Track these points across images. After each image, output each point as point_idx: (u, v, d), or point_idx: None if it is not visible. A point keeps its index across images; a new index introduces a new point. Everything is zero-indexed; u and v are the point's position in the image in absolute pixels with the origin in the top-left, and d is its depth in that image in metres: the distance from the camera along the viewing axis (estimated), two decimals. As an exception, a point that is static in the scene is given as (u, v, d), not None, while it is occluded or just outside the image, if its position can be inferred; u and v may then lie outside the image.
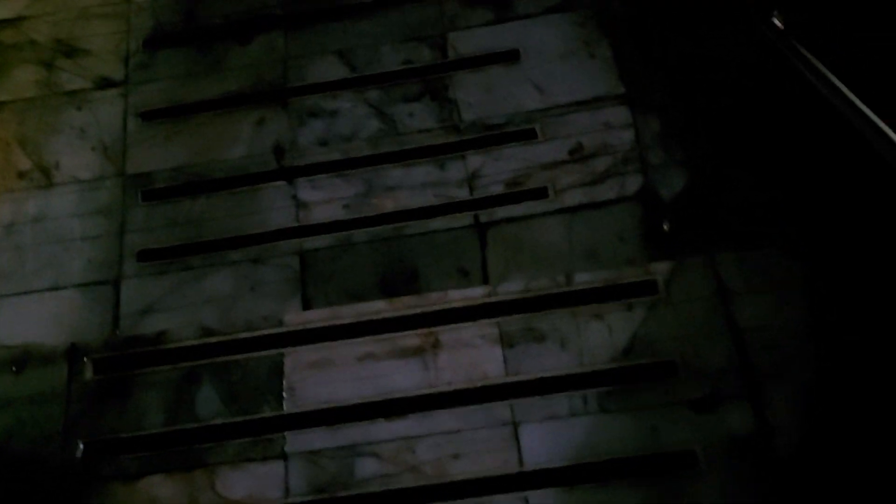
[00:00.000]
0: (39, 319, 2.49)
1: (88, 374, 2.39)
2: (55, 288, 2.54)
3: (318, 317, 2.35)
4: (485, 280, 2.44)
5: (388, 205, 2.61)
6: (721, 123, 2.54)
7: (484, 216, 2.55)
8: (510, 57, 2.78)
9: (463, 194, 2.59)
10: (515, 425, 2.20)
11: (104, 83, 2.88)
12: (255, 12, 2.95)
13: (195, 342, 2.35)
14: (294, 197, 2.63)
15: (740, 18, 2.46)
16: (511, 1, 2.86)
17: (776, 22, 2.20)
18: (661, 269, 2.33)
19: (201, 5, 2.98)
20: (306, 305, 2.44)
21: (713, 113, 2.56)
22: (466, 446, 2.19)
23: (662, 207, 2.49)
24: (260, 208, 2.63)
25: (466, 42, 2.83)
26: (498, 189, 2.59)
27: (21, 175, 2.72)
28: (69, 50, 2.93)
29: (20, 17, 3.01)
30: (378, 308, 2.36)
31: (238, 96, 2.82)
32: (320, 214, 2.60)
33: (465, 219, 2.55)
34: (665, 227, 2.46)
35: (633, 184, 2.54)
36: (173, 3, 2.99)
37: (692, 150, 2.55)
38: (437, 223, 2.56)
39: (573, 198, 2.54)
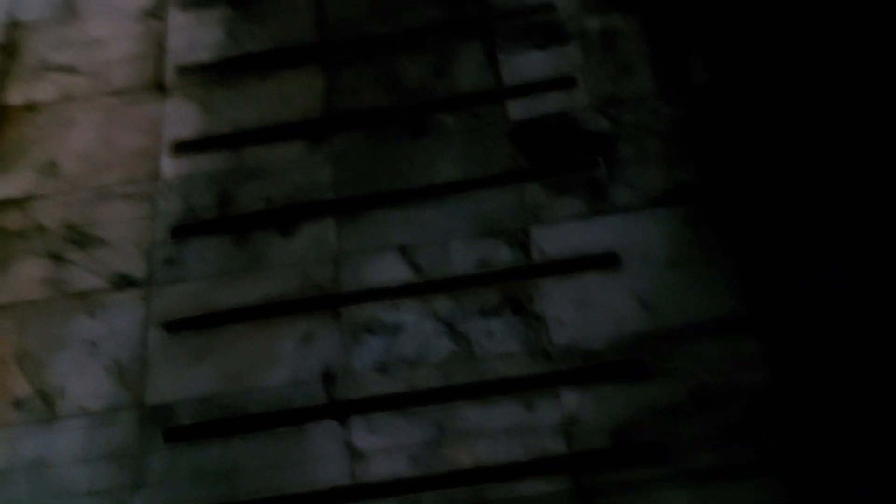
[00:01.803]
0: None
1: None
2: (52, 564, 2.08)
3: None
4: (590, 567, 1.93)
5: (465, 458, 2.13)
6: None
7: (587, 479, 2.07)
8: (608, 262, 2.33)
9: (559, 447, 2.11)
10: None
11: (123, 282, 2.46)
12: (302, 195, 2.55)
13: None
14: (348, 443, 2.16)
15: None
16: (605, 189, 2.43)
17: None
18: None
19: (239, 186, 2.58)
20: None
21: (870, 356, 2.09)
22: None
23: (817, 480, 1.99)
24: (306, 457, 2.17)
25: (554, 240, 2.39)
26: (602, 441, 2.10)
27: (18, 404, 2.29)
28: (82, 239, 2.53)
29: (28, 197, 2.62)
30: None
31: (281, 303, 2.39)
32: (380, 468, 2.13)
33: (563, 481, 2.06)
34: (822, 505, 1.95)
35: (774, 442, 2.05)
36: (207, 182, 2.59)
37: (850, 400, 2.07)
38: (529, 487, 2.07)
39: (700, 459, 2.04)
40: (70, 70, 2.82)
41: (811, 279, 2.21)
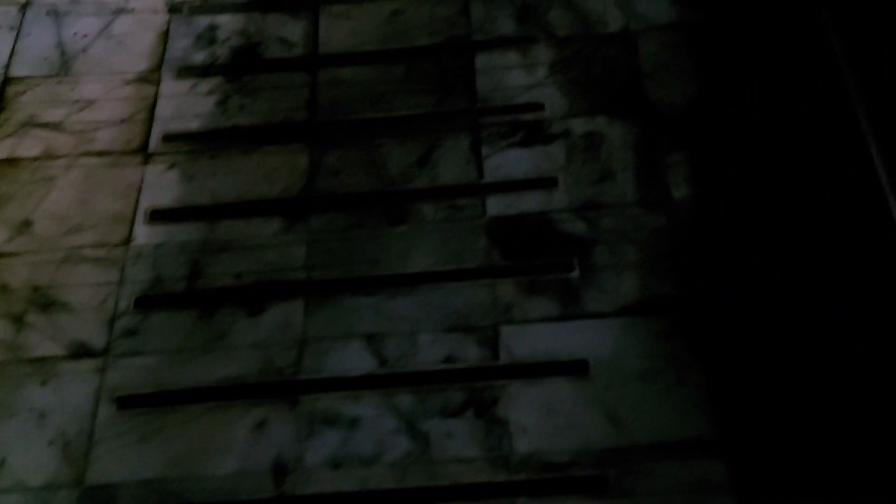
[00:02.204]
0: None
1: None
2: None
3: None
4: None
5: (412, 567, 2.05)
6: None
7: None
8: (577, 369, 2.29)
9: (510, 562, 2.04)
10: None
11: (80, 351, 2.40)
12: (272, 274, 2.52)
13: None
14: (291, 543, 2.08)
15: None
16: (579, 293, 2.41)
17: None
18: None
19: (211, 259, 2.55)
20: None
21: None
22: None
23: None
24: (246, 555, 2.08)
25: (523, 341, 2.36)
26: (556, 560, 2.03)
27: (-46, 473, 2.21)
28: (46, 302, 2.49)
29: (-2, 254, 2.60)
30: None
31: (239, 385, 2.32)
32: (323, 573, 2.04)
33: None
34: None
35: (735, 577, 1.98)
36: (178, 252, 2.57)
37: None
38: None
39: (656, 589, 1.97)
40: (56, 128, 2.83)
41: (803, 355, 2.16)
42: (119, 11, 3.10)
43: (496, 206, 2.57)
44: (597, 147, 2.65)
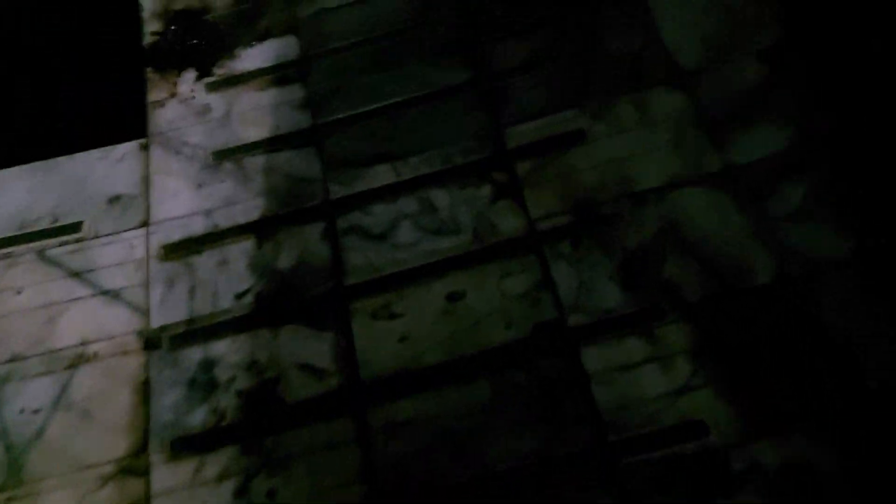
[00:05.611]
0: None
1: None
2: None
3: None
4: None
5: None
6: None
7: None
8: None
9: None
10: None
11: None
12: None
13: None
14: None
15: None
16: None
17: None
18: None
19: None
20: None
21: None
22: None
23: None
24: None
25: None
26: None
27: None
28: None
29: None
30: None
31: None
32: None
33: None
34: None
35: None
36: None
37: None
38: None
39: None
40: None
41: None
42: (77, 361, 2.29)
43: None
44: (807, 487, 1.83)
